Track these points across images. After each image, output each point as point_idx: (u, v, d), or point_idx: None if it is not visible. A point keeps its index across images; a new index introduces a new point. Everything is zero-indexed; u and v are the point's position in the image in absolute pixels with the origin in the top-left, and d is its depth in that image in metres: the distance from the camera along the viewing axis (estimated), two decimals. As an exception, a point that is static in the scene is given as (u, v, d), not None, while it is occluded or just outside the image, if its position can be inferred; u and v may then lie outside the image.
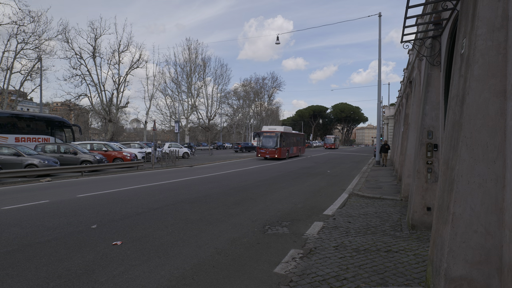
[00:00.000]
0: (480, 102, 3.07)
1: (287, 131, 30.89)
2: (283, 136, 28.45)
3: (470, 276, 2.95)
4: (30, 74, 31.88)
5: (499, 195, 2.93)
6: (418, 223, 6.13)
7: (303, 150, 36.46)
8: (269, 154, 27.73)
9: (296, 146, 33.09)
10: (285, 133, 29.12)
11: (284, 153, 28.63)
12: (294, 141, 32.56)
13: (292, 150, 31.36)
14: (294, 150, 32.34)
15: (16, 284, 3.79)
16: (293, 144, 31.68)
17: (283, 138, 28.27)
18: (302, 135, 37.23)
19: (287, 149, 29.35)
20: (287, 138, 29.77)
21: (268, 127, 30.64)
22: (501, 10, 3.04)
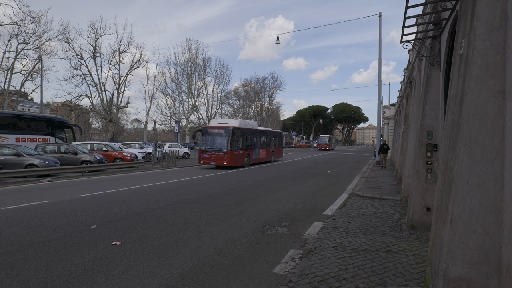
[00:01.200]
0: (479, 102, 3.06)
1: (247, 126, 22.16)
2: (238, 133, 19.95)
3: (469, 277, 2.95)
4: (31, 74, 31.92)
5: (498, 195, 2.93)
6: (417, 224, 6.13)
7: (278, 153, 27.83)
8: (216, 160, 19.12)
9: (266, 148, 24.89)
10: (241, 129, 20.58)
11: (240, 158, 20.26)
12: (262, 141, 24.01)
13: (258, 153, 23.01)
14: (262, 153, 23.96)
15: (16, 284, 3.79)
16: (259, 145, 23.36)
17: (237, 136, 19.78)
18: (277, 134, 28.12)
19: (246, 153, 21.05)
20: (247, 136, 21.36)
21: (217, 121, 22.21)
22: (500, 10, 3.03)
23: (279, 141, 28.37)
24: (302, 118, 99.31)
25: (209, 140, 19.79)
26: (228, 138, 19.25)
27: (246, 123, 22.72)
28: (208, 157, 19.53)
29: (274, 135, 27.22)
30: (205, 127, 20.62)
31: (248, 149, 21.43)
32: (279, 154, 28.15)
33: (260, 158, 23.42)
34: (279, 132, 29.04)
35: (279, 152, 28.20)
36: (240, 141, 20.24)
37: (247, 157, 21.20)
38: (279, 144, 28.31)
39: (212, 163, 19.39)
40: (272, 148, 26.11)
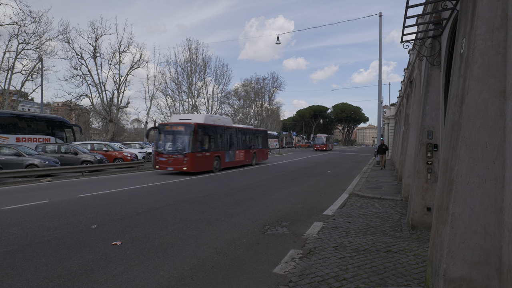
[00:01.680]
0: (480, 102, 3.06)
1: (217, 122, 18.26)
2: (203, 131, 16.30)
3: (470, 277, 2.94)
4: (31, 74, 31.92)
5: (499, 195, 2.92)
6: (418, 224, 6.12)
7: (262, 154, 24.24)
8: (174, 164, 15.51)
9: (245, 149, 21.17)
10: (207, 126, 16.83)
11: (206, 161, 16.52)
12: (239, 141, 20.43)
13: (233, 155, 19.41)
14: (240, 155, 20.28)
15: (16, 284, 3.79)
16: (236, 146, 19.85)
17: (202, 135, 16.12)
18: (260, 132, 24.32)
19: (215, 155, 17.36)
20: (217, 135, 17.81)
21: (179, 116, 17.90)
22: (500, 10, 3.03)
23: (263, 141, 24.86)
24: (302, 118, 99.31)
25: (166, 140, 16.17)
26: (190, 137, 15.59)
27: (215, 119, 18.67)
28: (164, 161, 15.78)
29: (256, 134, 23.62)
30: (162, 124, 16.82)
31: (218, 150, 17.82)
32: (263, 155, 24.70)
33: (236, 161, 19.88)
34: (263, 131, 25.45)
35: (263, 153, 24.69)
36: (207, 141, 16.71)
37: (216, 160, 17.53)
38: (263, 144, 24.82)
39: (169, 168, 15.68)
40: (253, 149, 22.59)
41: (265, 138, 25.44)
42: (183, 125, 15.99)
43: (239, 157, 20.27)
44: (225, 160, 18.52)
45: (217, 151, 17.72)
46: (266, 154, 25.28)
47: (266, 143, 25.55)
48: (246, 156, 21.31)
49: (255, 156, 22.78)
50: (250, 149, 22.06)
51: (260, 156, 23.87)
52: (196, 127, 15.75)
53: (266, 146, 25.69)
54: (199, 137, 15.93)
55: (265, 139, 25.38)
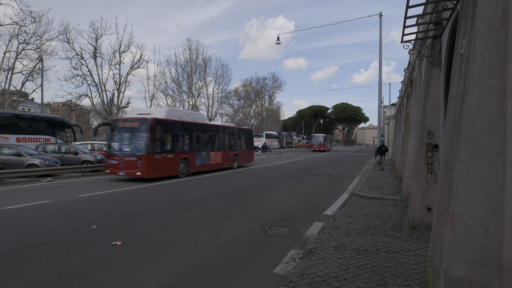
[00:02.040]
0: (480, 102, 3.06)
1: (184, 118, 15.45)
2: (163, 128, 13.65)
3: (470, 277, 2.94)
4: (31, 74, 31.95)
5: (499, 195, 2.92)
6: (418, 224, 6.12)
7: (246, 156, 21.62)
8: (126, 168, 12.98)
9: (223, 150, 18.54)
10: (170, 122, 14.20)
11: (168, 165, 13.89)
12: (215, 140, 17.78)
13: (206, 157, 16.68)
14: (216, 157, 17.62)
15: (16, 284, 3.80)
16: (210, 147, 17.16)
17: (161, 133, 13.42)
18: (244, 132, 21.67)
19: (181, 157, 14.64)
20: (185, 133, 15.14)
21: (136, 111, 15.65)
22: (500, 10, 3.03)
23: (248, 141, 21.94)
24: (303, 118, 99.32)
25: (118, 139, 13.55)
26: (145, 135, 12.84)
27: (181, 114, 15.69)
28: (115, 164, 13.16)
29: (239, 134, 20.90)
30: (114, 120, 14.30)
31: (186, 151, 15.11)
32: (248, 157, 21.93)
33: (211, 164, 17.20)
34: (247, 130, 22.51)
35: (247, 155, 21.79)
36: (169, 140, 14.03)
37: (183, 164, 14.85)
38: (248, 144, 21.92)
39: (120, 173, 13.10)
40: (234, 150, 19.83)
41: (250, 137, 22.54)
42: (138, 121, 13.24)
43: (215, 159, 17.61)
44: (195, 163, 15.82)
45: (184, 152, 15.00)
46: (250, 156, 22.46)
47: (250, 144, 22.63)
48: (225, 158, 18.69)
49: (236, 158, 20.04)
50: (230, 150, 19.43)
51: (243, 158, 21.21)
52: (153, 124, 12.99)
53: (251, 147, 22.78)
54: (157, 135, 13.21)
55: (250, 139, 22.50)
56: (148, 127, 12.95)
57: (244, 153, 21.29)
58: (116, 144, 13.65)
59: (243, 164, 21.31)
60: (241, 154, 20.79)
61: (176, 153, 14.49)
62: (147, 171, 12.90)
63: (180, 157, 14.76)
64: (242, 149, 21.05)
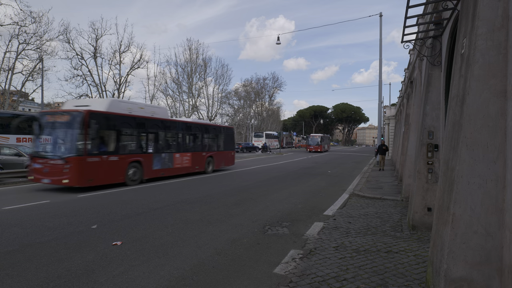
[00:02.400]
0: (480, 102, 3.05)
1: (134, 112, 12.68)
2: (102, 124, 11.10)
3: (470, 277, 2.94)
4: (32, 74, 31.96)
5: (500, 196, 2.92)
6: (418, 224, 6.11)
7: (223, 158, 18.49)
8: (51, 174, 10.35)
9: (193, 151, 15.66)
10: (115, 116, 11.61)
11: (110, 170, 11.25)
12: (179, 140, 15.04)
13: (168, 160, 13.95)
14: (182, 160, 14.81)
15: (16, 284, 3.79)
16: (173, 147, 14.40)
17: (97, 129, 10.84)
18: (221, 130, 18.89)
19: (130, 160, 11.97)
20: (135, 130, 12.51)
21: (73, 102, 13.74)
22: (501, 10, 3.02)
23: (227, 141, 19.01)
24: (303, 118, 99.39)
25: (45, 136, 10.91)
26: (76, 132, 10.28)
27: (131, 106, 12.66)
28: (39, 169, 10.51)
29: (214, 132, 17.88)
30: (42, 113, 11.57)
31: (138, 153, 12.41)
32: (227, 159, 18.94)
33: (175, 168, 14.36)
34: (226, 128, 19.83)
35: (226, 157, 18.81)
36: (113, 139, 11.28)
37: (134, 168, 12.07)
38: (227, 145, 19.02)
39: (45, 180, 10.42)
40: (209, 152, 16.94)
41: (230, 137, 19.51)
42: (68, 114, 10.60)
43: (181, 162, 14.76)
44: (152, 167, 13.05)
45: (135, 154, 12.28)
46: (230, 158, 19.50)
47: (231, 144, 19.62)
48: (196, 161, 15.80)
49: (211, 161, 17.12)
50: (204, 152, 16.55)
51: (221, 161, 18.26)
52: (86, 117, 10.25)
53: (232, 147, 19.86)
54: (93, 132, 10.50)
55: (230, 139, 19.48)
56: (79, 121, 10.21)
57: (221, 155, 18.34)
58: (42, 144, 10.91)
59: (221, 167, 18.48)
60: (217, 156, 17.85)
61: (124, 155, 11.70)
62: (76, 178, 10.11)
63: (130, 160, 11.91)
64: (220, 150, 18.23)
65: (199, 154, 16.24)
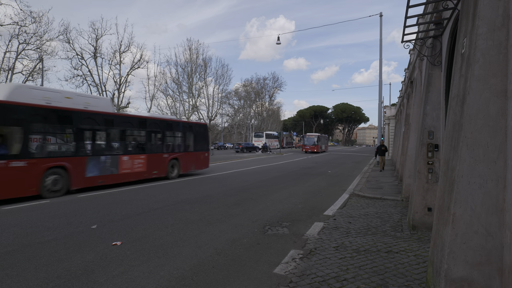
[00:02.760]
0: (481, 102, 3.04)
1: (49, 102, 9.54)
2: None
3: (471, 277, 2.93)
4: (32, 74, 31.99)
5: (500, 195, 2.91)
6: (419, 224, 6.11)
7: (194, 161, 15.59)
8: None
9: (149, 153, 12.99)
10: (15, 107, 8.57)
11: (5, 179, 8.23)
12: (129, 139, 12.58)
13: (112, 164, 11.38)
14: (134, 164, 12.27)
15: (16, 284, 3.79)
16: (120, 148, 11.97)
17: None
18: (191, 127, 15.89)
19: (46, 166, 9.20)
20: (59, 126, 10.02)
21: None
22: (502, 10, 3.02)
23: (198, 141, 15.89)
24: (303, 118, 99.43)
25: None
26: None
27: (49, 95, 9.84)
28: None
29: (181, 130, 15.01)
30: None
31: (62, 156, 9.96)
32: (198, 162, 15.80)
33: (121, 174, 11.59)
34: (196, 125, 16.55)
35: (197, 159, 15.70)
36: (16, 138, 8.75)
37: (55, 175, 9.50)
38: (198, 145, 15.87)
39: None
40: (172, 153, 14.08)
41: (202, 135, 16.49)
42: None
43: (130, 166, 11.97)
44: (84, 173, 10.36)
45: (57, 157, 9.77)
46: (204, 160, 16.31)
47: (204, 144, 16.53)
48: (153, 165, 12.84)
49: (176, 164, 14.24)
50: (165, 153, 13.65)
51: (190, 163, 15.22)
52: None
53: (205, 147, 16.66)
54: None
55: (202, 138, 16.46)
56: None
57: (191, 157, 15.35)
58: None
59: (190, 171, 15.50)
60: (185, 158, 14.90)
61: (37, 159, 9.09)
62: None
63: (47, 165, 9.32)
64: (189, 150, 15.33)
65: (159, 156, 13.39)
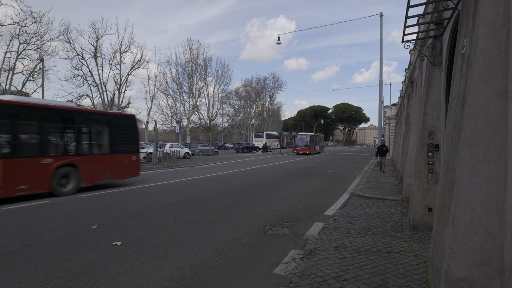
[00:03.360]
0: (481, 102, 3.04)
1: None
2: None
3: (471, 278, 2.93)
4: (32, 74, 32.00)
5: (500, 196, 2.91)
6: (419, 224, 6.10)
7: (108, 168, 11.14)
8: None
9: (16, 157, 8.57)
10: None
11: None
12: None
13: None
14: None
15: (16, 285, 3.79)
16: None
17: None
18: (107, 118, 11.44)
19: None
20: None
21: None
22: (502, 10, 3.01)
23: (118, 138, 11.69)
24: (303, 118, 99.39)
25: None
26: None
27: None
28: None
29: (86, 122, 11.00)
30: None
31: None
32: (118, 168, 11.62)
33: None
34: (116, 116, 12.37)
35: (116, 164, 11.54)
36: None
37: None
38: (118, 144, 11.69)
39: None
40: (63, 156, 10.00)
41: (126, 132, 12.06)
42: None
43: None
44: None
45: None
46: (128, 166, 11.97)
47: (128, 143, 12.11)
48: (16, 176, 8.67)
49: (73, 173, 10.06)
50: (44, 157, 9.42)
51: (101, 171, 10.97)
52: None
53: (132, 148, 12.27)
54: None
55: (125, 135, 12.02)
56: None
57: (102, 161, 11.07)
58: None
59: (103, 181, 11.01)
60: (90, 164, 10.64)
61: None
62: None
63: None
64: (99, 153, 11.07)
65: (31, 163, 9.06)
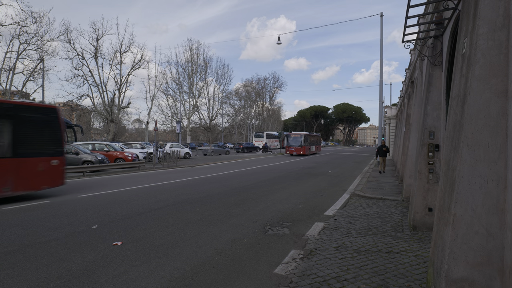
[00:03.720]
0: (482, 102, 3.04)
1: None
2: None
3: (471, 278, 2.93)
4: (33, 74, 32.04)
5: (501, 196, 2.91)
6: (419, 224, 6.10)
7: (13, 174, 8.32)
8: None
9: None
10: None
11: None
12: None
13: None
14: None
15: (16, 284, 3.79)
16: None
17: None
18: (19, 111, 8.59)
19: None
20: None
21: None
22: (502, 10, 3.01)
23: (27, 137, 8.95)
24: (303, 118, 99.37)
25: None
26: None
27: None
28: None
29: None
30: None
31: None
32: (26, 176, 8.81)
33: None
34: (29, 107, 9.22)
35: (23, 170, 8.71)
36: None
37: None
38: (26, 145, 8.91)
39: None
40: None
41: (43, 129, 9.72)
42: None
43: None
44: None
45: None
46: (45, 173, 9.40)
47: (46, 143, 9.75)
48: None
49: None
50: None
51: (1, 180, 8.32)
52: None
53: (52, 150, 9.88)
54: None
55: (43, 133, 9.70)
56: None
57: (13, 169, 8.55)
58: None
59: (4, 195, 8.41)
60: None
61: None
62: None
63: None
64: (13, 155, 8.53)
65: None
